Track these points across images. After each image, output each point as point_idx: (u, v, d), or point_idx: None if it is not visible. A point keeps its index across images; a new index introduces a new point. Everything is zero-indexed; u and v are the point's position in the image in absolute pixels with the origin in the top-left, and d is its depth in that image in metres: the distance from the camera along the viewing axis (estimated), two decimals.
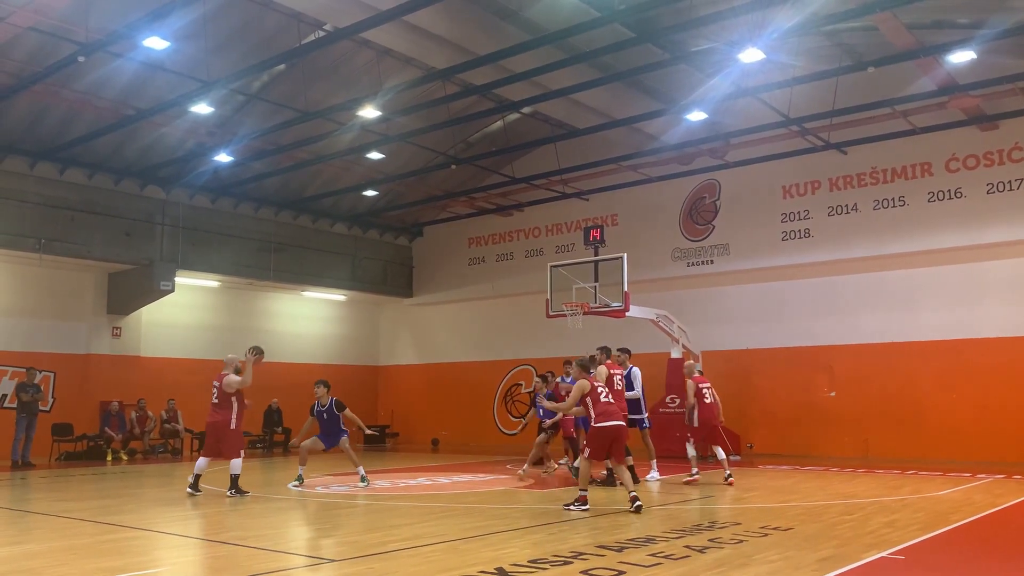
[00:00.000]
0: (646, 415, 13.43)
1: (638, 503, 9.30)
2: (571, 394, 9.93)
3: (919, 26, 13.94)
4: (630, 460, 12.36)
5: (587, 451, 9.74)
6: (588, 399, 9.63)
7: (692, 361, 14.64)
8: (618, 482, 10.38)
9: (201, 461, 11.21)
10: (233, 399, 11.20)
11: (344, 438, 12.39)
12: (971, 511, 9.34)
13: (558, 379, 14.22)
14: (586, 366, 10.06)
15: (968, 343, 16.85)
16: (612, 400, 9.73)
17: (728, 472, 12.38)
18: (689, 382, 12.87)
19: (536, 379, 15.89)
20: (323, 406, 12.41)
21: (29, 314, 19.14)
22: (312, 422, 12.53)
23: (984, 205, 16.67)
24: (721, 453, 12.62)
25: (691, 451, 12.82)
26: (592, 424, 9.66)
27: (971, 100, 15.42)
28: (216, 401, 11.26)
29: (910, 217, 17.49)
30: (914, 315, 17.55)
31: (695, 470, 12.64)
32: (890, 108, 16.00)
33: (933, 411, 16.98)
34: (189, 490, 10.98)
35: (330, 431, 12.40)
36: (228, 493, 10.96)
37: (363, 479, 12.39)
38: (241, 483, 11.22)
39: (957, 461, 15.76)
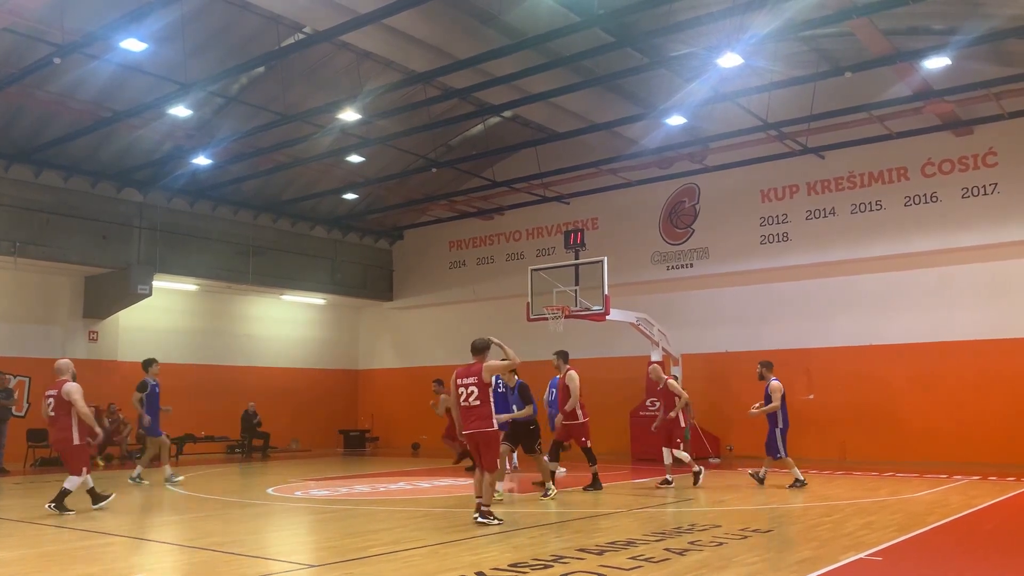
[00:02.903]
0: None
1: (479, 517, 8.63)
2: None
3: (895, 32, 14.10)
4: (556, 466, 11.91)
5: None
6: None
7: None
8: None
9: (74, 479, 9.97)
10: (72, 411, 9.93)
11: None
12: (947, 512, 9.44)
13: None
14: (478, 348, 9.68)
15: (943, 346, 17.04)
16: (477, 405, 9.02)
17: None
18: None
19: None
20: None
21: (3, 318, 18.89)
22: None
23: (959, 209, 16.87)
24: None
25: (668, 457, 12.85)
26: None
27: (946, 105, 15.62)
28: (53, 414, 9.95)
29: (887, 221, 17.66)
30: (890, 318, 17.72)
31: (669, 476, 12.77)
32: (867, 113, 16.17)
33: (909, 413, 17.14)
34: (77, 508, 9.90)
35: None
36: (48, 507, 9.82)
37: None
38: (205, 490, 11.03)
39: (933, 462, 15.92)
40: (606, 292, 16.08)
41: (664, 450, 12.94)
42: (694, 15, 13.09)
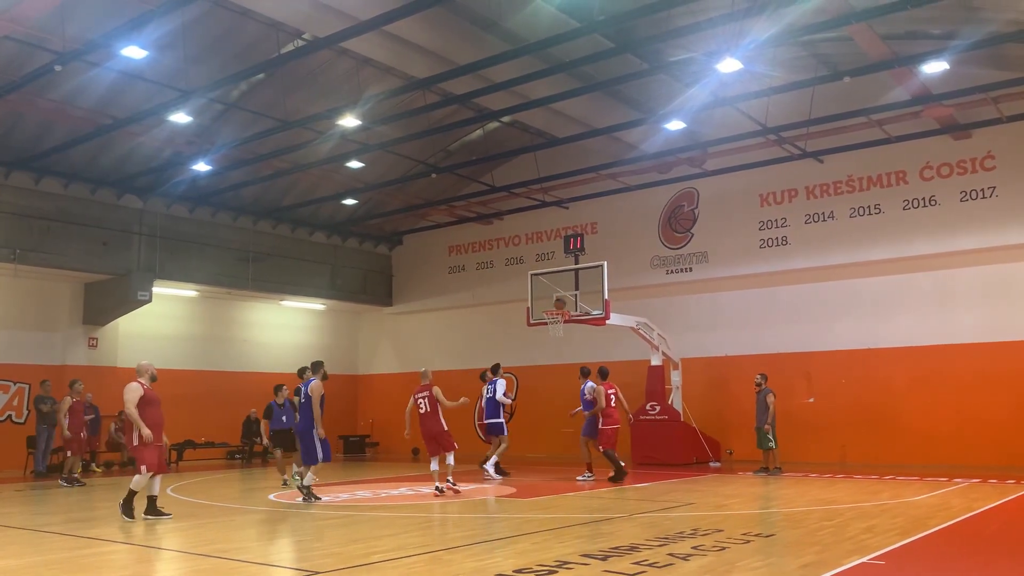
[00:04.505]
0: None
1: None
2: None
3: (893, 37, 14.16)
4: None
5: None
6: None
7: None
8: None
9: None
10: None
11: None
12: (948, 515, 9.46)
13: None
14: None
15: (942, 349, 17.07)
16: None
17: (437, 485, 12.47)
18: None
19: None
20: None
21: (3, 325, 18.88)
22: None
23: (958, 213, 16.91)
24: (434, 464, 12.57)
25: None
26: None
27: (944, 110, 15.67)
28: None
29: (886, 225, 17.70)
30: (890, 321, 17.75)
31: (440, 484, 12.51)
32: (865, 117, 16.21)
33: (909, 416, 17.16)
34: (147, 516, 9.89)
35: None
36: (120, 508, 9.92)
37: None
38: (207, 496, 11.04)
39: (933, 465, 15.95)
40: (606, 296, 16.10)
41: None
42: (693, 21, 13.14)
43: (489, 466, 15.27)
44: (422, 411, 12.67)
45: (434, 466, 12.48)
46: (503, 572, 6.38)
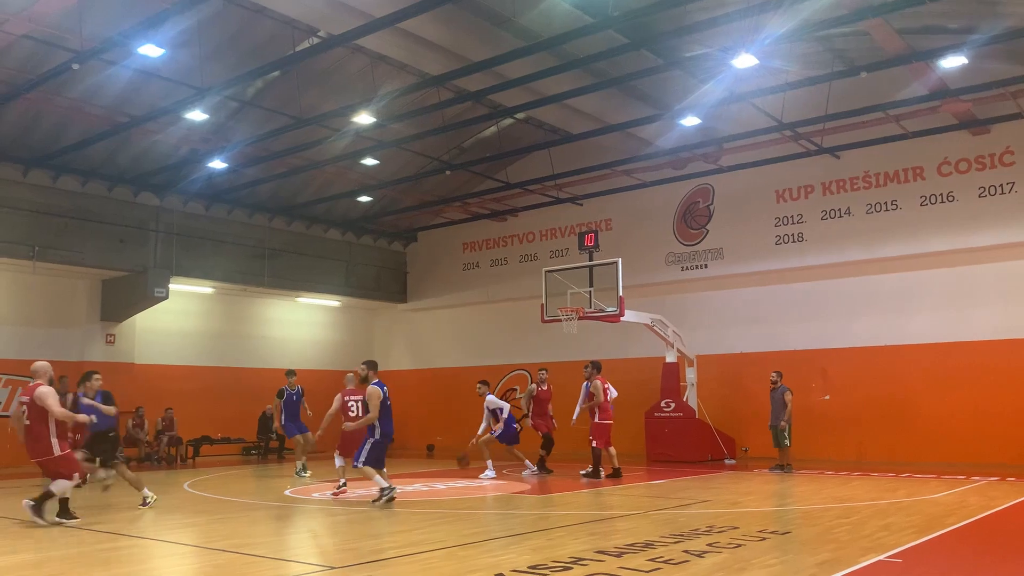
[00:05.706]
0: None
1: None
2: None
3: (910, 31, 14.03)
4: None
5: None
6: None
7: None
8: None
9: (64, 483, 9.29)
10: (48, 418, 9.12)
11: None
12: (966, 514, 9.39)
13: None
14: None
15: (960, 346, 16.93)
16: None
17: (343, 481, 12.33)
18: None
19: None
20: None
21: (22, 322, 19.05)
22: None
23: (976, 209, 16.76)
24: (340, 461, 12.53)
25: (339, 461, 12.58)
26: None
27: (963, 105, 15.53)
28: (28, 423, 9.18)
29: (903, 221, 17.57)
30: (907, 318, 17.62)
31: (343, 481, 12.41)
32: (882, 112, 16.10)
33: (926, 414, 17.03)
34: (57, 518, 9.21)
35: None
36: (55, 519, 9.26)
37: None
38: (223, 492, 11.11)
39: (951, 463, 15.82)
40: (620, 293, 16.07)
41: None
42: (709, 16, 13.06)
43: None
44: (353, 414, 12.44)
45: (339, 462, 12.49)
46: (517, 568, 6.38)
